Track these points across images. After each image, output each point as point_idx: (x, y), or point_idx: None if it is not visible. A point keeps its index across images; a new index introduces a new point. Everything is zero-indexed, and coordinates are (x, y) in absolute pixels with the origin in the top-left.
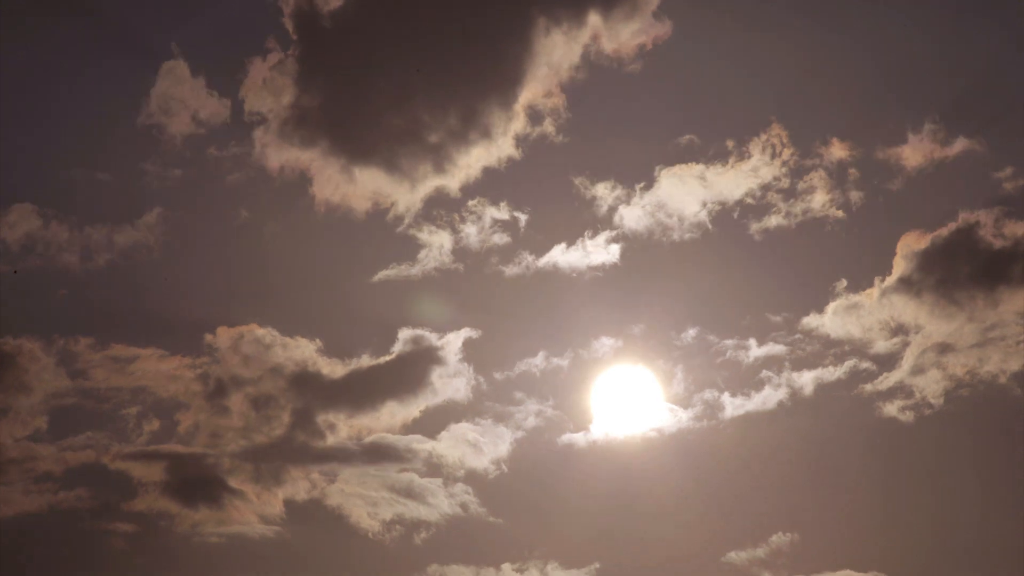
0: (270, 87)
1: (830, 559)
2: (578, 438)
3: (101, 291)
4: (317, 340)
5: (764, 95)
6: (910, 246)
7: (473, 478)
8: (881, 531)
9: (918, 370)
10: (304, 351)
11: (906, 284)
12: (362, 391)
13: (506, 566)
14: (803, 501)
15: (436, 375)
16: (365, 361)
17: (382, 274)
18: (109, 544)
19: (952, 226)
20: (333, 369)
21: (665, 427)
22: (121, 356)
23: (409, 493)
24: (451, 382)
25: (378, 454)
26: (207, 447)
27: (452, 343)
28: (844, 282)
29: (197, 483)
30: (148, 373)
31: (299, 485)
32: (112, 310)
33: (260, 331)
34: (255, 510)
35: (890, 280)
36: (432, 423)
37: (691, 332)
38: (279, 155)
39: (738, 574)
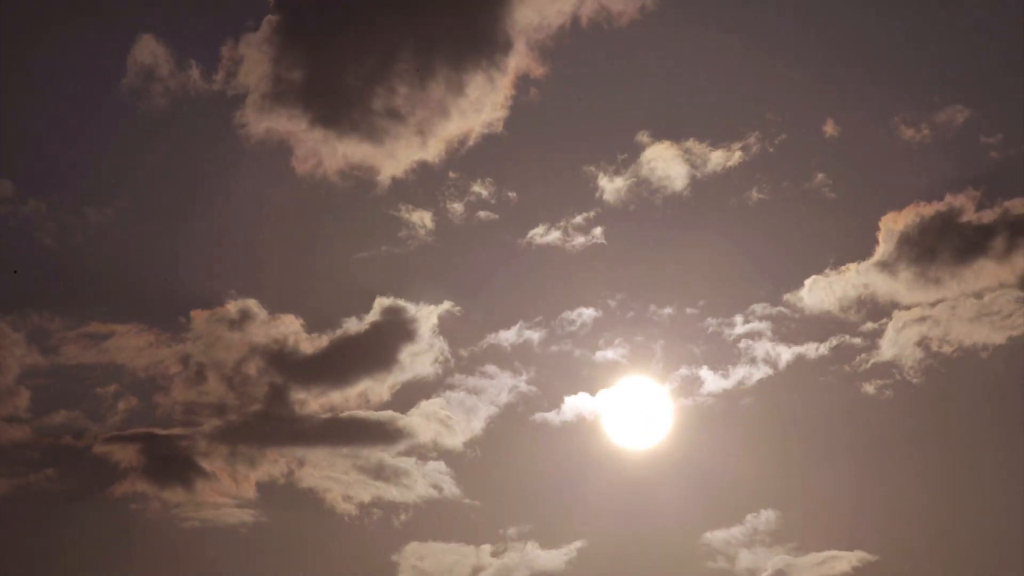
0: (249, 57)
1: (818, 538)
2: (552, 416)
3: (77, 267)
4: (295, 315)
5: (755, 69)
6: (895, 221)
7: (448, 456)
8: (867, 510)
9: (901, 346)
10: (283, 327)
11: (890, 260)
12: (337, 367)
13: (486, 547)
14: (787, 479)
15: (409, 350)
16: (341, 336)
17: (361, 246)
18: (78, 527)
19: (937, 204)
20: (311, 345)
21: (645, 403)
22: (97, 333)
23: (382, 474)
24: (424, 357)
25: (351, 432)
26: (182, 427)
27: (428, 317)
28: (829, 257)
29: (171, 465)
30: (124, 350)
31: (274, 466)
32: (88, 286)
33: (238, 305)
34: (230, 492)
35: (875, 256)
36: (406, 399)
37: (671, 307)
38: (259, 126)
39: (718, 552)
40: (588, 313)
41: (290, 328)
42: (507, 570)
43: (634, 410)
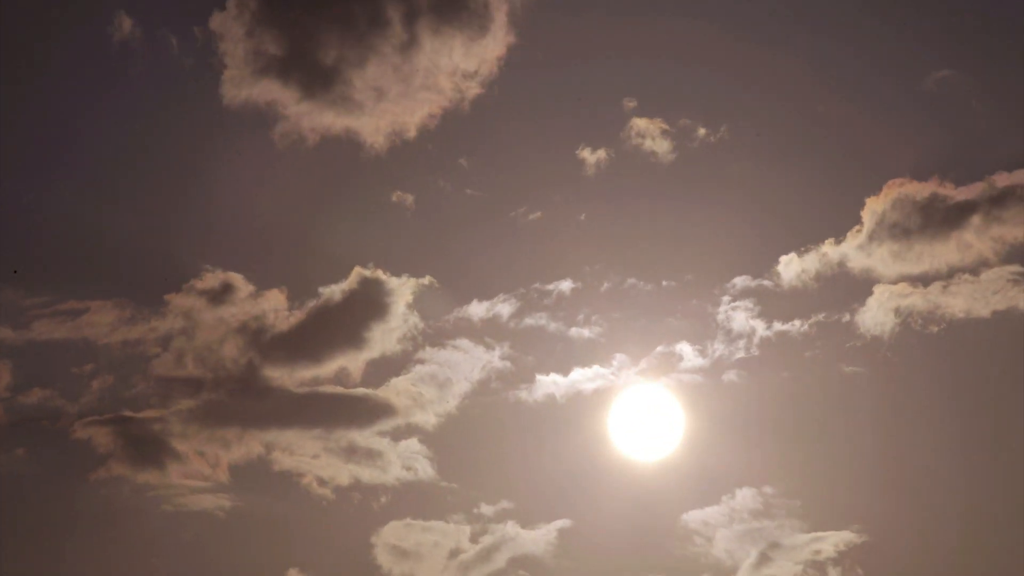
0: (228, 30)
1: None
2: (527, 393)
3: (53, 243)
4: (271, 289)
5: (741, 47)
6: (879, 198)
7: (422, 433)
8: (854, 488)
9: (885, 322)
10: (261, 302)
11: (874, 235)
12: (312, 343)
13: (465, 528)
14: (772, 457)
15: (384, 325)
16: (316, 311)
17: (340, 219)
18: (48, 510)
19: (921, 180)
20: (287, 320)
21: (620, 380)
22: (73, 310)
23: (355, 455)
24: (398, 331)
25: (326, 411)
26: (157, 408)
27: (403, 290)
28: (813, 233)
29: (144, 447)
30: (98, 327)
31: (248, 448)
32: (64, 262)
33: (217, 278)
34: (204, 475)
35: (858, 231)
36: (380, 374)
37: (651, 281)
38: (238, 98)
39: (697, 532)
40: (566, 285)
41: (268, 303)
42: (487, 551)
43: (612, 389)
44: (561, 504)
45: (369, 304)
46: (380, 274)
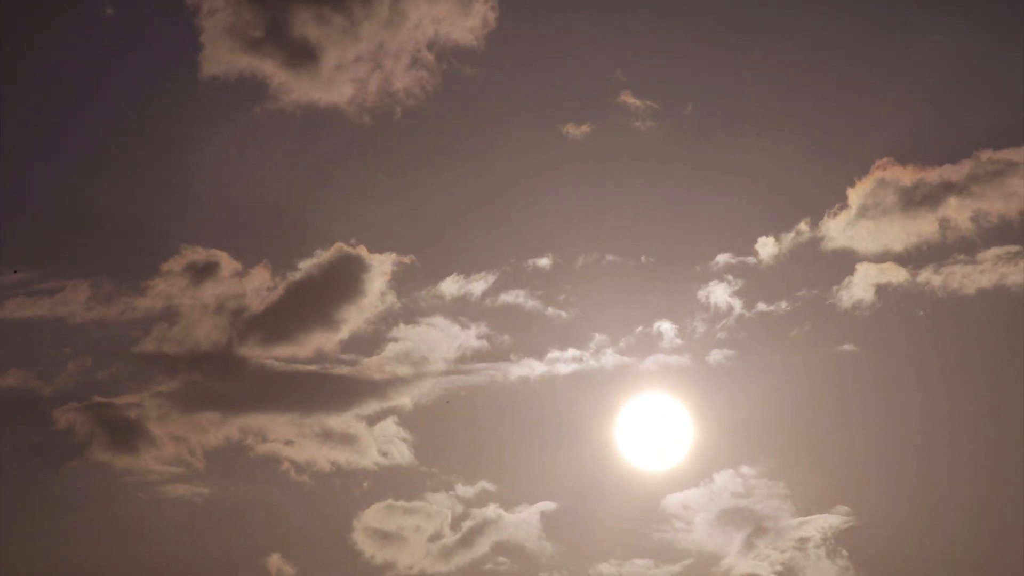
0: None
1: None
2: (502, 374)
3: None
4: (248, 265)
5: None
6: (866, 175)
7: (400, 413)
8: (842, 469)
9: (871, 300)
10: (242, 279)
11: (860, 214)
12: (288, 322)
13: (446, 510)
14: (755, 438)
15: (361, 302)
16: (293, 287)
17: (319, 190)
18: (20, 496)
19: (908, 158)
20: (264, 298)
21: (603, 360)
22: (49, 289)
23: (332, 437)
24: (375, 308)
25: (301, 391)
26: (135, 392)
27: (382, 266)
28: (799, 211)
29: (121, 432)
30: (71, 304)
31: (226, 431)
32: (40, 240)
33: (196, 255)
34: (182, 460)
35: (845, 209)
36: (358, 351)
37: (631, 258)
38: (218, 68)
39: (677, 516)
40: (544, 263)
41: (249, 282)
42: (470, 535)
43: (591, 370)
44: (543, 487)
45: (346, 282)
46: (362, 251)
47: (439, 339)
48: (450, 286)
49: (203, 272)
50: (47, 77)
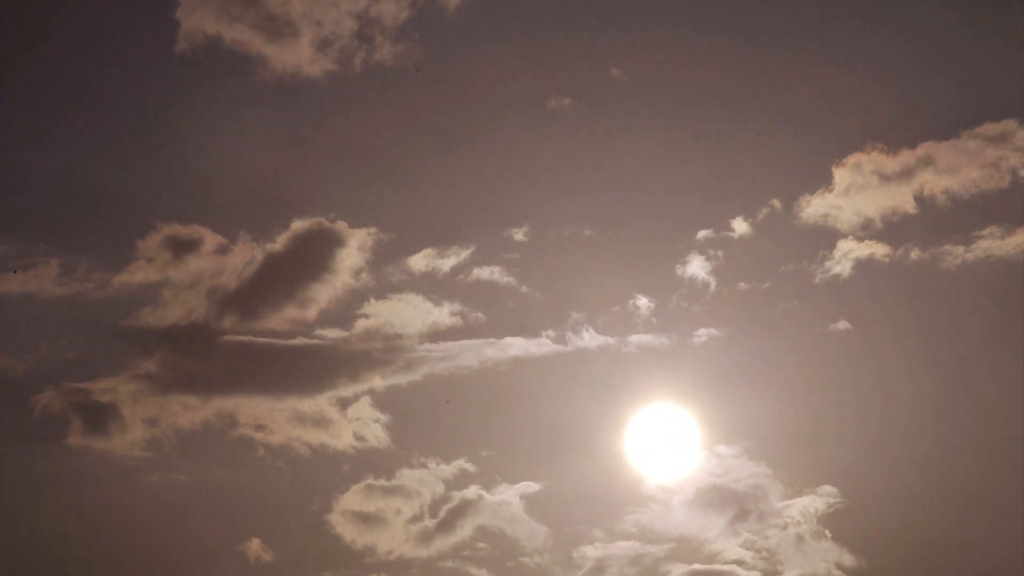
0: None
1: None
2: (476, 353)
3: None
4: (227, 237)
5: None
6: (850, 154)
7: (375, 394)
8: (830, 447)
9: (857, 276)
10: (216, 259)
11: (845, 190)
12: (261, 297)
13: (427, 493)
14: (750, 415)
15: (333, 278)
16: (266, 262)
17: (295, 161)
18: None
19: (893, 140)
20: (238, 274)
21: (582, 340)
22: (23, 266)
23: (306, 419)
24: (349, 283)
25: (275, 370)
26: (111, 376)
27: (358, 238)
28: (783, 186)
29: (95, 417)
30: (42, 280)
31: (205, 415)
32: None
33: (174, 229)
34: (154, 444)
35: (829, 186)
36: (333, 325)
37: (613, 231)
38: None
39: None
40: (519, 236)
41: (224, 260)
42: (451, 515)
43: (568, 349)
44: (526, 467)
45: (320, 257)
46: (341, 225)
47: (412, 315)
48: (419, 262)
49: (181, 248)
50: (18, 54)
